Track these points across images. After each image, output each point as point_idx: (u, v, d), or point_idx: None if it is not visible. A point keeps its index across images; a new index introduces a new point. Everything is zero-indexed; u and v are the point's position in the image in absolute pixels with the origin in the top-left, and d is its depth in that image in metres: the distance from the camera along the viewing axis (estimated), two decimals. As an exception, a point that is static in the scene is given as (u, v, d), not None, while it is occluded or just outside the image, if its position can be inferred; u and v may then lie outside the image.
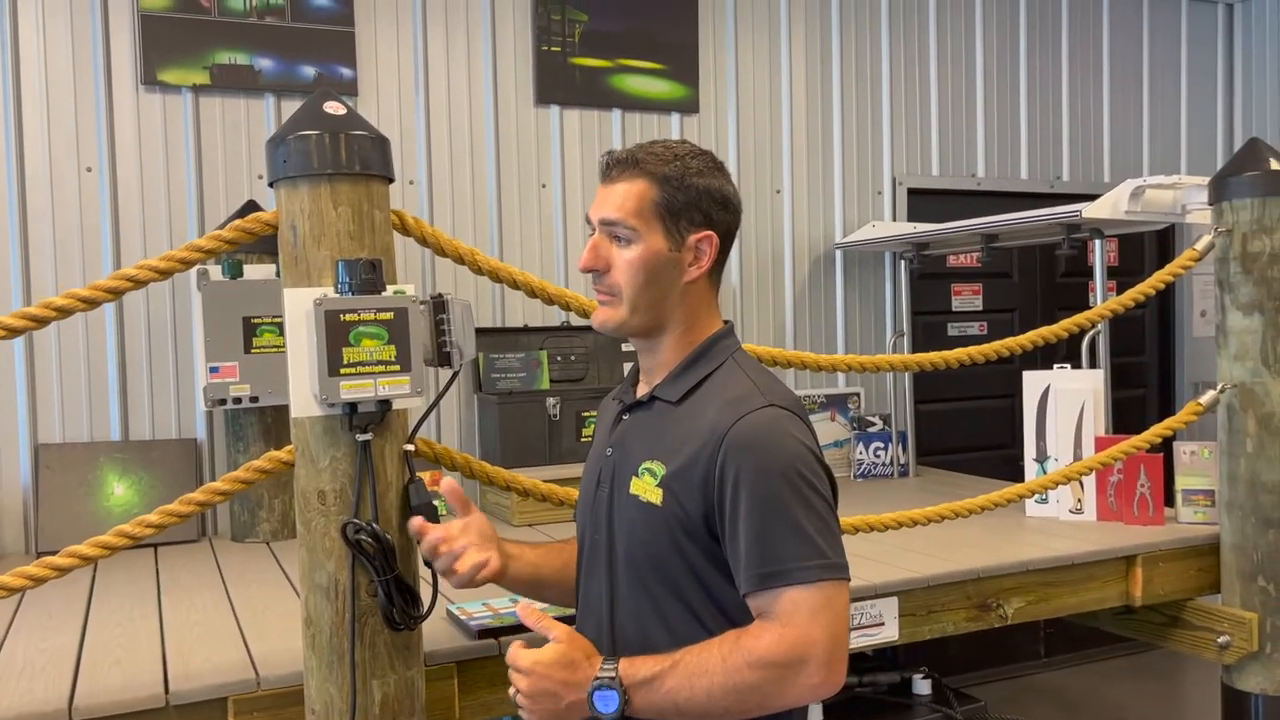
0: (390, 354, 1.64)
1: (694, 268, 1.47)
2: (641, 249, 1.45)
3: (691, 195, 1.45)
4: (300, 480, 1.69)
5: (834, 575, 1.34)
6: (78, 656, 1.98)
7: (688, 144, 1.51)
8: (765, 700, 1.33)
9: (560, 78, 3.68)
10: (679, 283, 1.47)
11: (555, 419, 3.43)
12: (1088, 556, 2.66)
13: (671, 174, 1.45)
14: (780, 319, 4.08)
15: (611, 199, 1.47)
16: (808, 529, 1.34)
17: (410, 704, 1.74)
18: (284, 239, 1.69)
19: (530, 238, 3.66)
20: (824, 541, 1.35)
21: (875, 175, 4.27)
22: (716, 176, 1.49)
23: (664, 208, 1.45)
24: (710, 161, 1.50)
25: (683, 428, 1.43)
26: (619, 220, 1.46)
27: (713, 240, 1.47)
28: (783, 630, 1.32)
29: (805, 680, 1.32)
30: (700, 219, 1.46)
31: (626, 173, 1.47)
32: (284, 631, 2.06)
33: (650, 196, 1.45)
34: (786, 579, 1.33)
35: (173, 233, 3.18)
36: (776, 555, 1.33)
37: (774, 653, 1.31)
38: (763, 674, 1.32)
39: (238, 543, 3.05)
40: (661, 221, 1.45)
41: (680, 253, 1.46)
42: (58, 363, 3.06)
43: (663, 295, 1.47)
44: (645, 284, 1.46)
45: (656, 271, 1.46)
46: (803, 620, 1.32)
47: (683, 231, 1.46)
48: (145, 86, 3.16)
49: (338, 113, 1.70)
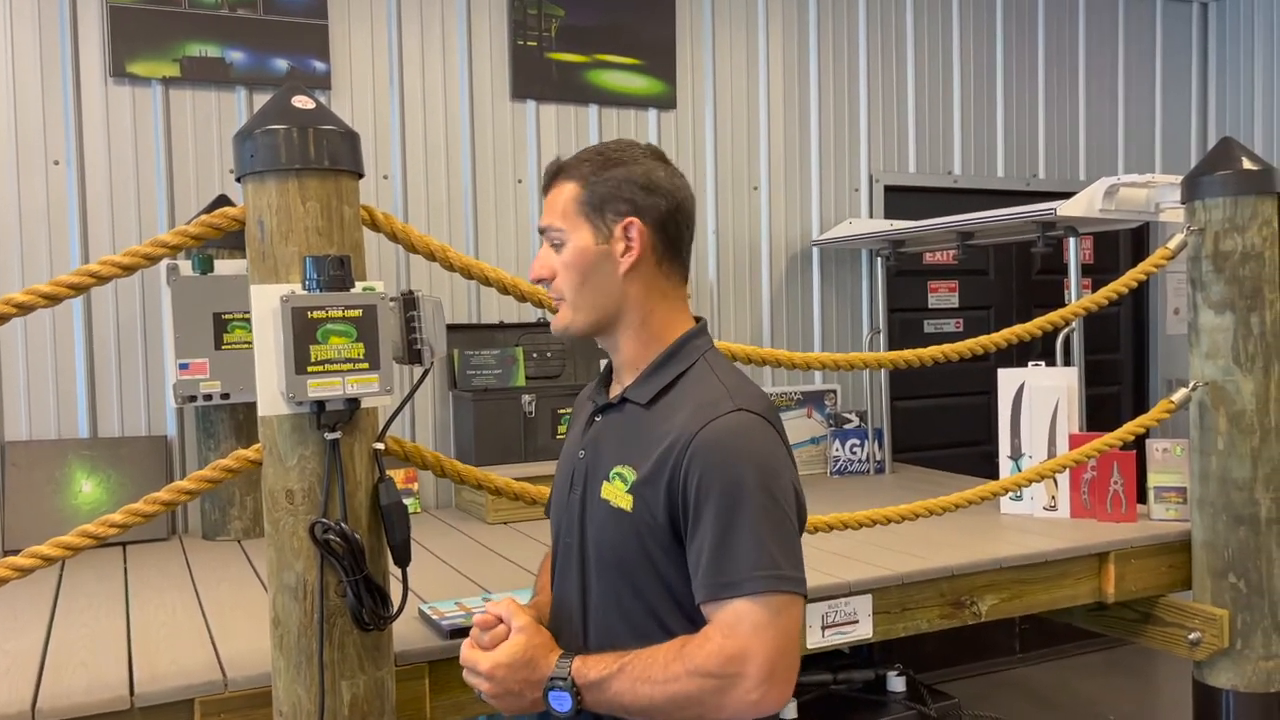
0: (359, 351, 1.62)
1: (626, 257, 1.45)
2: (571, 249, 1.46)
3: (611, 185, 1.45)
4: (268, 479, 1.67)
5: (785, 589, 1.32)
6: (42, 658, 1.94)
7: (624, 140, 1.51)
8: (704, 712, 1.32)
9: (536, 72, 3.65)
10: (616, 275, 1.45)
11: (531, 416, 3.41)
12: (1061, 554, 2.67)
13: (590, 170, 1.46)
14: (757, 316, 4.08)
15: (547, 207, 1.50)
16: (763, 540, 1.32)
17: (380, 705, 1.72)
18: (251, 235, 1.66)
19: (506, 234, 3.64)
20: (779, 553, 1.32)
21: (852, 172, 4.27)
22: (642, 163, 1.47)
23: (586, 204, 1.45)
24: (640, 150, 1.48)
25: (653, 432, 1.42)
26: (549, 225, 1.48)
27: (637, 225, 1.44)
28: (723, 642, 1.30)
29: (742, 695, 1.30)
30: (624, 207, 1.44)
31: (556, 180, 1.50)
32: (253, 632, 2.03)
33: (574, 196, 1.46)
34: (736, 590, 1.31)
35: (142, 228, 3.14)
36: (730, 565, 1.32)
37: (711, 664, 1.30)
38: (699, 684, 1.30)
39: (209, 541, 3.02)
40: (586, 218, 1.45)
41: (609, 245, 1.45)
42: (25, 359, 3.02)
43: (603, 291, 1.46)
44: (581, 282, 1.46)
45: (588, 268, 1.45)
46: (744, 633, 1.30)
47: (609, 223, 1.45)
48: (114, 79, 3.11)
49: (306, 107, 1.67)
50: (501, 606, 1.45)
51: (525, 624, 1.42)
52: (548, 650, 1.41)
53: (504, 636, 1.42)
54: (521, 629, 1.41)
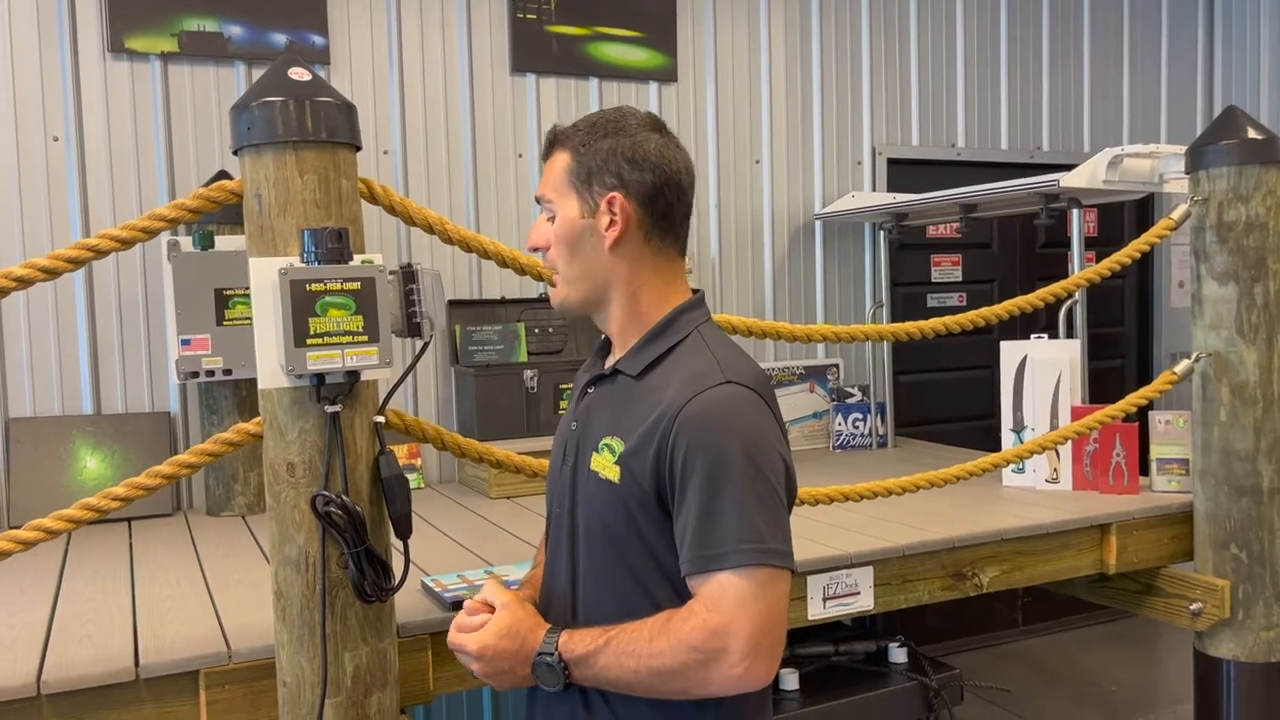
0: (358, 324, 1.62)
1: (610, 231, 1.42)
2: (559, 220, 1.45)
3: (599, 158, 1.42)
4: (269, 452, 1.67)
5: (770, 562, 1.30)
6: (47, 630, 1.96)
7: (624, 108, 1.47)
8: (689, 686, 1.31)
9: (536, 46, 3.63)
10: (601, 250, 1.43)
11: (533, 391, 3.42)
12: (1063, 525, 2.67)
13: (581, 141, 1.44)
14: (759, 290, 4.07)
15: (543, 177, 1.48)
16: (749, 513, 1.30)
17: (383, 676, 1.73)
18: (249, 208, 1.66)
19: (506, 208, 3.63)
20: (766, 526, 1.31)
21: (855, 145, 4.24)
22: (634, 134, 1.42)
23: (575, 175, 1.43)
24: (636, 122, 1.44)
25: (642, 403, 1.40)
26: (542, 195, 1.47)
27: (619, 200, 1.41)
28: (707, 615, 1.29)
29: (727, 670, 1.28)
30: (611, 181, 1.41)
31: (552, 149, 1.48)
32: (256, 604, 2.05)
33: (564, 166, 1.44)
34: (720, 562, 1.29)
35: (142, 203, 3.13)
36: (715, 538, 1.30)
37: (694, 638, 1.28)
38: (683, 658, 1.29)
39: (213, 516, 3.03)
40: (574, 189, 1.43)
41: (594, 218, 1.43)
42: (27, 336, 3.02)
43: (591, 264, 1.44)
44: (570, 254, 1.45)
45: (575, 240, 1.44)
46: (728, 607, 1.28)
47: (595, 196, 1.42)
48: (112, 54, 3.10)
49: (303, 79, 1.66)
50: (485, 589, 1.46)
51: (508, 600, 1.43)
52: (533, 626, 1.41)
53: (489, 615, 1.43)
54: (505, 605, 1.42)
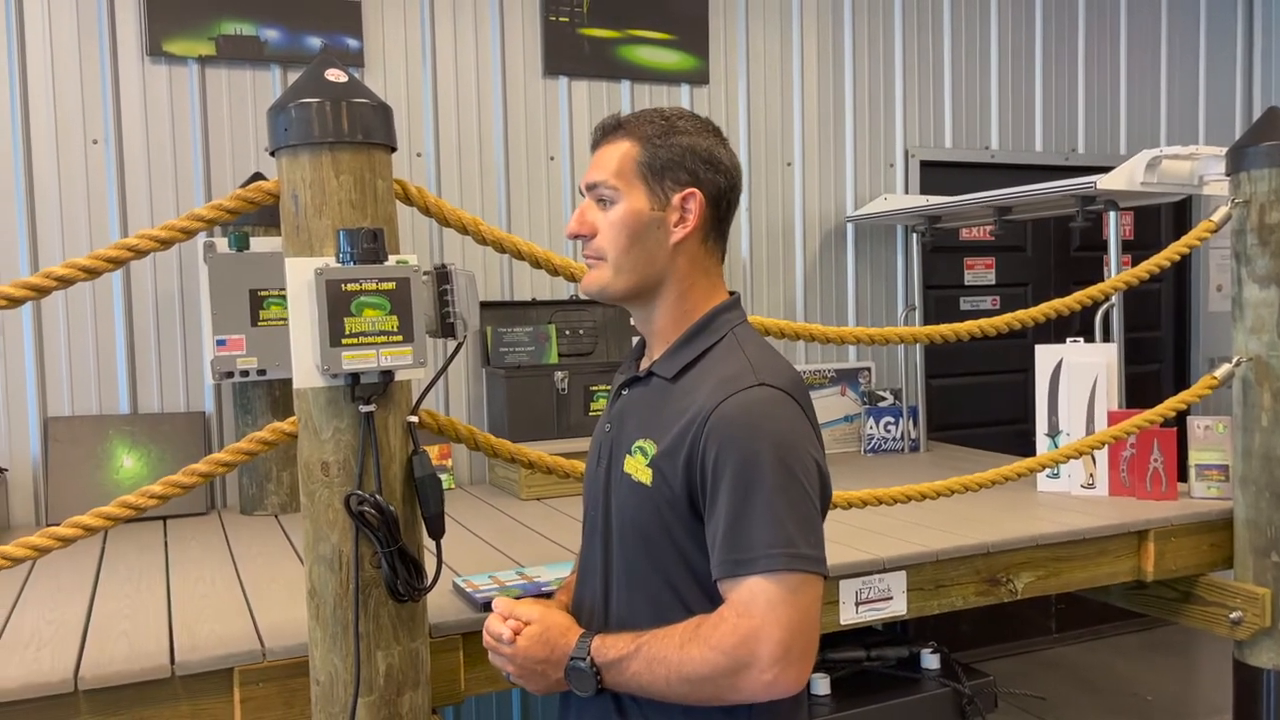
0: (392, 324, 1.62)
1: (679, 228, 1.41)
2: (623, 209, 1.41)
3: (675, 153, 1.41)
4: (303, 451, 1.68)
5: (802, 567, 1.28)
6: (85, 627, 1.98)
7: (683, 109, 1.48)
8: (719, 692, 1.29)
9: (568, 48, 3.64)
10: (665, 244, 1.42)
11: (563, 393, 3.42)
12: (1099, 531, 2.63)
13: (655, 132, 1.42)
14: (790, 293, 4.05)
15: (597, 163, 1.45)
16: (781, 517, 1.28)
17: (415, 675, 1.73)
18: (285, 208, 1.67)
19: (538, 210, 3.64)
20: (797, 531, 1.29)
21: (887, 147, 4.22)
22: (706, 137, 1.44)
23: (646, 166, 1.41)
24: (703, 124, 1.45)
25: (676, 406, 1.39)
26: (601, 181, 1.43)
27: (698, 198, 1.41)
28: (737, 621, 1.27)
29: (757, 676, 1.26)
30: (685, 178, 1.41)
31: (611, 136, 1.44)
32: (290, 603, 2.06)
33: (633, 155, 1.41)
34: (751, 567, 1.28)
35: (179, 205, 3.17)
36: (746, 542, 1.28)
37: (725, 643, 1.27)
38: (713, 664, 1.28)
39: (246, 515, 3.05)
40: (644, 180, 1.41)
41: (664, 213, 1.41)
42: (66, 336, 3.06)
43: (648, 257, 1.42)
44: (628, 245, 1.41)
45: (639, 232, 1.41)
46: (759, 612, 1.26)
47: (666, 191, 1.41)
48: (151, 58, 3.14)
49: (339, 80, 1.67)
50: (514, 606, 1.45)
51: (539, 611, 1.43)
52: (565, 630, 1.41)
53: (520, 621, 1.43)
54: (536, 614, 1.42)
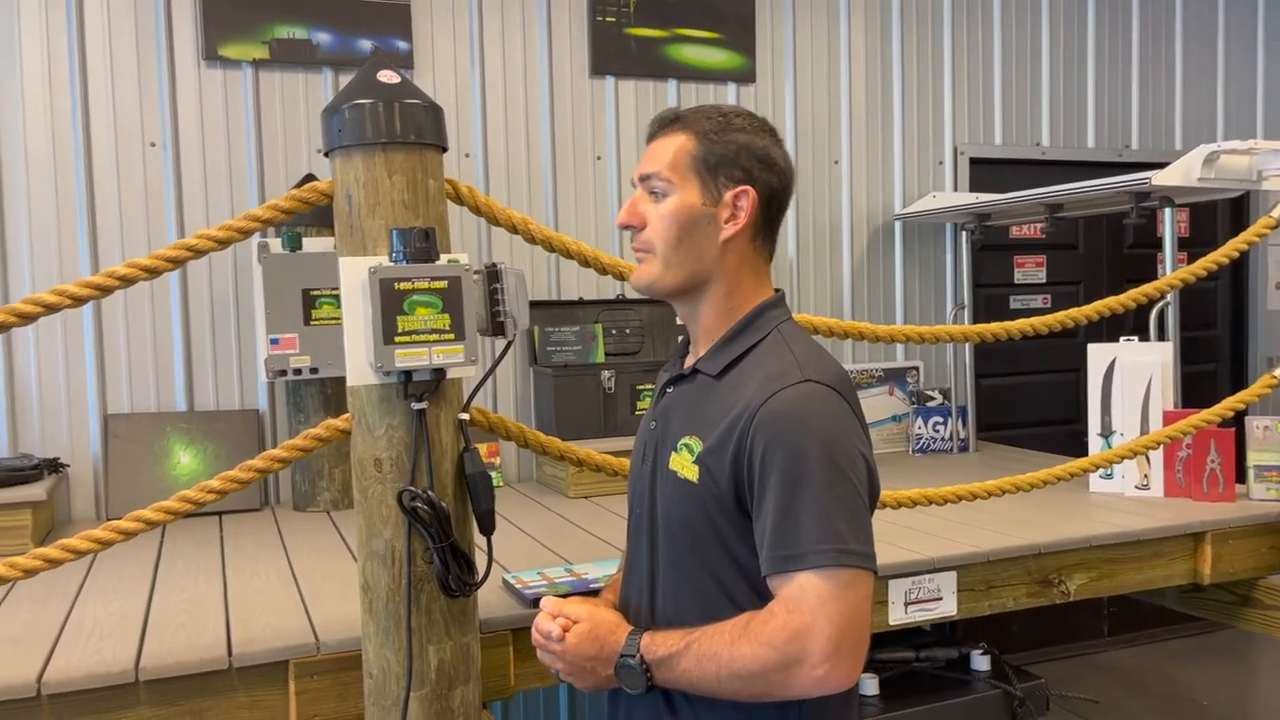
0: (444, 322, 1.64)
1: (730, 224, 1.42)
2: (675, 202, 1.42)
3: (730, 150, 1.41)
4: (357, 448, 1.71)
5: (852, 563, 1.28)
6: (144, 619, 2.03)
7: (740, 108, 1.48)
8: (770, 688, 1.30)
9: (615, 48, 3.65)
10: (715, 240, 1.42)
11: (610, 392, 3.43)
12: (1155, 533, 2.59)
13: (711, 128, 1.42)
14: (837, 292, 4.03)
15: (651, 155, 1.45)
16: (830, 513, 1.29)
17: (466, 670, 1.75)
18: (339, 208, 1.70)
19: (585, 210, 3.66)
20: (846, 527, 1.29)
21: (936, 145, 4.18)
22: (763, 136, 1.44)
23: (701, 161, 1.41)
24: (759, 123, 1.46)
25: (721, 403, 1.40)
26: (655, 173, 1.43)
27: (750, 196, 1.41)
28: (788, 616, 1.27)
29: (808, 672, 1.26)
30: (740, 175, 1.41)
31: (668, 129, 1.45)
32: (343, 598, 2.09)
33: (688, 149, 1.42)
34: (800, 563, 1.28)
35: (234, 206, 3.23)
36: (794, 538, 1.29)
37: (774, 640, 1.27)
38: (764, 660, 1.28)
39: (299, 512, 3.10)
40: (698, 175, 1.41)
41: (716, 209, 1.42)
42: (125, 336, 3.13)
43: (698, 252, 1.43)
44: (678, 239, 1.42)
45: (690, 226, 1.42)
46: (809, 607, 1.26)
47: (720, 187, 1.41)
48: (206, 62, 3.20)
49: (391, 81, 1.70)
50: (563, 604, 1.47)
51: (587, 609, 1.45)
52: (613, 627, 1.42)
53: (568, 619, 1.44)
54: (585, 612, 1.44)
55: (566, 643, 1.42)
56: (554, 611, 1.45)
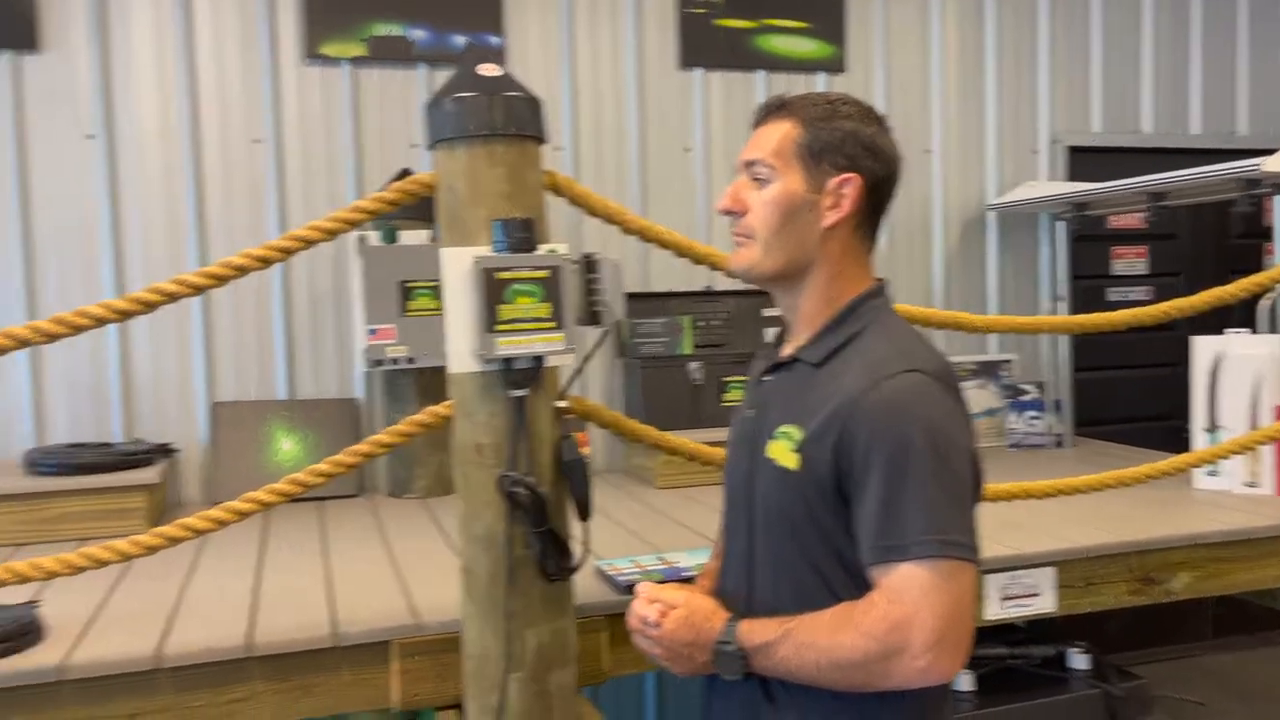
0: (545, 311, 1.67)
1: (833, 212, 1.42)
2: (778, 188, 1.42)
3: (836, 137, 1.41)
4: (459, 434, 1.74)
5: (955, 554, 1.28)
6: (254, 598, 2.10)
7: (847, 95, 1.48)
8: (870, 678, 1.30)
9: (704, 40, 3.65)
10: (817, 228, 1.42)
11: (698, 383, 3.44)
12: (1267, 531, 2.50)
13: (817, 115, 1.43)
14: (927, 284, 3.97)
15: (756, 141, 1.46)
16: (934, 503, 1.28)
17: (563, 654, 1.78)
18: (442, 200, 1.73)
19: (673, 202, 3.66)
20: (950, 518, 1.29)
21: (1031, 133, 4.08)
22: (869, 124, 1.44)
23: (805, 148, 1.42)
24: (866, 111, 1.46)
25: (821, 391, 1.40)
26: (759, 159, 1.44)
27: (856, 184, 1.41)
28: (889, 607, 1.28)
29: (909, 662, 1.26)
30: (844, 162, 1.41)
31: (774, 115, 1.46)
32: (440, 582, 2.14)
33: (792, 136, 1.42)
34: (903, 553, 1.28)
35: (332, 200, 3.31)
36: (897, 528, 1.29)
37: (876, 629, 1.28)
38: (864, 650, 1.28)
39: (394, 498, 3.18)
40: (801, 162, 1.42)
41: (819, 195, 1.42)
42: (232, 326, 3.25)
43: (799, 240, 1.43)
44: (780, 225, 1.42)
45: (792, 212, 1.42)
46: (912, 598, 1.26)
47: (824, 174, 1.41)
48: (307, 60, 3.29)
49: (493, 75, 1.73)
50: (660, 590, 1.49)
51: (684, 595, 1.47)
52: (709, 614, 1.43)
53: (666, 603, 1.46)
54: (682, 598, 1.46)
55: (664, 628, 1.43)
56: (651, 597, 1.47)
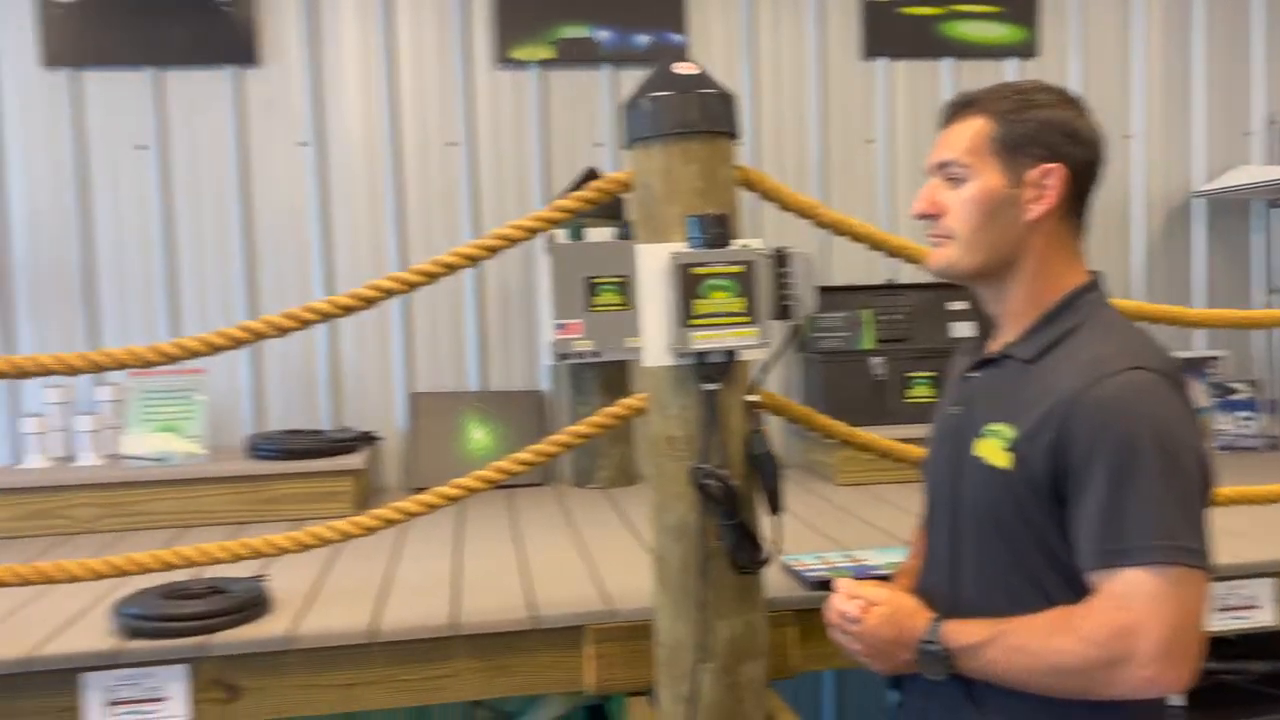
0: (739, 306, 1.68)
1: (1036, 205, 1.37)
2: (975, 187, 1.39)
3: (1030, 128, 1.37)
4: (652, 425, 1.78)
5: (1186, 560, 1.22)
6: (455, 579, 2.21)
7: (1036, 81, 1.44)
8: (1090, 686, 1.25)
9: (888, 29, 3.58)
10: (1019, 222, 1.38)
11: (880, 378, 3.38)
12: None
13: (1009, 108, 1.39)
14: (1125, 275, 3.77)
15: (946, 141, 1.43)
16: (1162, 506, 1.23)
17: (754, 646, 1.80)
18: (639, 197, 1.77)
19: (855, 195, 3.61)
20: (1179, 522, 1.23)
21: (1244, 113, 3.81)
22: (1065, 109, 1.39)
23: (1000, 143, 1.38)
24: (1060, 95, 1.41)
25: (1035, 388, 1.35)
26: (951, 160, 1.41)
27: (1059, 173, 1.36)
28: (1114, 613, 1.22)
29: (1135, 672, 1.21)
30: (1042, 152, 1.37)
31: (962, 113, 1.43)
32: (628, 571, 2.19)
33: (985, 132, 1.39)
34: (1129, 558, 1.23)
35: (521, 201, 3.44)
36: (1122, 532, 1.24)
37: (1099, 635, 1.23)
38: (1085, 657, 1.23)
39: (578, 488, 3.27)
40: (997, 157, 1.38)
41: (1019, 189, 1.37)
42: (428, 320, 3.42)
43: (1001, 236, 1.39)
44: (981, 224, 1.39)
45: (992, 210, 1.38)
46: (1139, 605, 1.21)
47: (1022, 166, 1.37)
48: (499, 65, 3.42)
49: (689, 73, 1.76)
50: (860, 586, 1.47)
51: (886, 592, 1.45)
52: (913, 613, 1.41)
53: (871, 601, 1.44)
54: (884, 595, 1.44)
55: (866, 624, 1.42)
56: (853, 593, 1.46)
